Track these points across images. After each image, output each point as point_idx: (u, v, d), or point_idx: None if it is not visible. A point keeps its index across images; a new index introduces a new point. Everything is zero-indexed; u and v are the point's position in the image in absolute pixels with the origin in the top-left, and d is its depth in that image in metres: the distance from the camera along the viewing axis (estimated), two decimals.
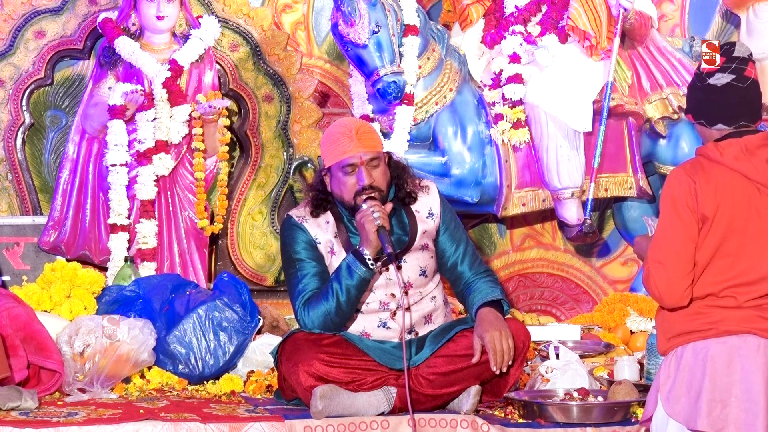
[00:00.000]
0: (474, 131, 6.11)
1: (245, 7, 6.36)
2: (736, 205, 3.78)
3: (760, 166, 3.81)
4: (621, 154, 6.25)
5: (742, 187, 3.80)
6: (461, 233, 4.69)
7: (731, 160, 3.80)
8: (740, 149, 3.80)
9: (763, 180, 3.80)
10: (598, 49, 6.11)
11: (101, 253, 5.99)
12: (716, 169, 3.81)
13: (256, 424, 4.27)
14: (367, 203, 4.41)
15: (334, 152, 4.46)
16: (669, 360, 3.83)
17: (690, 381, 3.75)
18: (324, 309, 4.47)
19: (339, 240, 4.54)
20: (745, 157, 3.80)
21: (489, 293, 4.54)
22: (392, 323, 4.54)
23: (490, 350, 4.35)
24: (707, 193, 3.77)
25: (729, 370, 3.74)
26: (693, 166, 3.85)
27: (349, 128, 4.47)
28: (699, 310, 3.79)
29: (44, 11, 6.20)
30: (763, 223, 3.79)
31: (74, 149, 6.07)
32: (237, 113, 6.41)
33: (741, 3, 6.91)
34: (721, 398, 3.71)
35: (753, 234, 3.79)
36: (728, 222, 3.78)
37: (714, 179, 3.79)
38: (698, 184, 3.77)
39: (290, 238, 4.57)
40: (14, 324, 4.75)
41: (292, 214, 4.61)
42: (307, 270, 4.54)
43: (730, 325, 3.77)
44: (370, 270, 4.41)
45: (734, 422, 3.70)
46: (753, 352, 3.75)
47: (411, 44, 5.96)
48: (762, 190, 3.81)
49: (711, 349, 3.75)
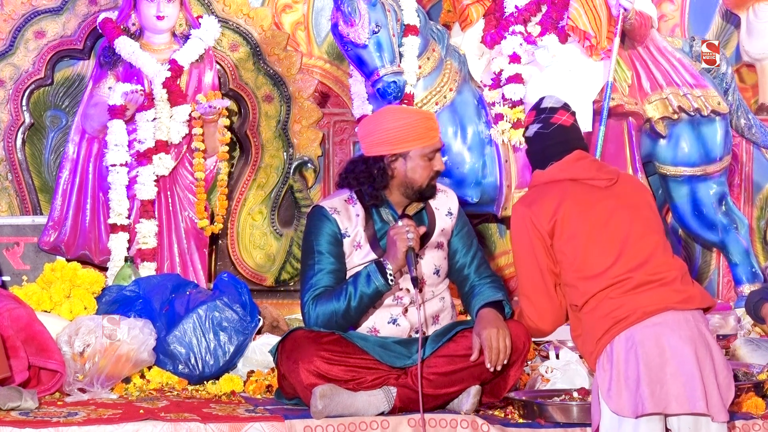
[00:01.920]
0: (474, 131, 6.11)
1: (245, 7, 6.36)
2: (580, 204, 4.12)
3: (585, 166, 4.23)
4: (621, 154, 6.25)
5: (577, 189, 4.17)
6: (473, 238, 4.73)
7: (558, 173, 4.22)
8: (563, 163, 4.25)
9: (592, 175, 4.20)
10: (598, 49, 6.11)
11: (101, 253, 5.99)
12: (548, 187, 4.21)
13: (256, 424, 4.26)
14: (403, 221, 4.43)
15: (421, 137, 4.48)
16: (601, 360, 3.96)
17: (626, 372, 3.88)
18: (333, 308, 4.46)
19: (366, 234, 4.54)
20: (569, 166, 4.22)
21: (491, 295, 4.55)
22: (403, 320, 4.55)
23: (486, 347, 4.36)
24: (541, 213, 4.14)
25: (659, 350, 3.91)
26: (526, 197, 4.33)
27: (429, 116, 4.61)
28: (611, 303, 3.96)
29: (44, 11, 6.20)
30: (619, 214, 4.11)
31: (74, 149, 6.08)
32: (237, 113, 6.41)
33: (741, 3, 6.92)
34: (658, 378, 3.88)
35: (616, 225, 4.09)
36: (578, 222, 4.10)
37: (548, 196, 4.16)
38: (531, 209, 4.17)
39: (317, 228, 4.55)
40: (15, 325, 4.75)
41: (324, 204, 4.59)
42: (324, 265, 4.53)
43: (648, 306, 3.97)
44: (389, 285, 4.42)
45: (675, 398, 3.87)
46: (676, 326, 3.95)
47: (411, 44, 5.96)
48: (596, 184, 4.19)
49: (637, 335, 3.91)
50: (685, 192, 6.44)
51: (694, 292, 4.03)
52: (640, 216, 4.14)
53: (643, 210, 4.18)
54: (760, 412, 4.50)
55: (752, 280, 6.48)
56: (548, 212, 4.13)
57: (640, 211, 4.16)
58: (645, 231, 4.10)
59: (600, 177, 4.20)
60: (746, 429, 4.41)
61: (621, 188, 4.21)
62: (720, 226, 6.46)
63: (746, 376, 4.78)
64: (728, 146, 6.46)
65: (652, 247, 4.07)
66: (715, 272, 6.93)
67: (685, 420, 3.90)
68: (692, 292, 4.03)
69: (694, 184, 6.41)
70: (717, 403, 3.87)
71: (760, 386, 4.67)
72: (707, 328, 4.00)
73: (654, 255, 4.05)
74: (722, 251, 6.62)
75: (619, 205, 4.13)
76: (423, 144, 4.49)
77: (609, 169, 4.29)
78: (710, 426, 3.91)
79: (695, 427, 3.90)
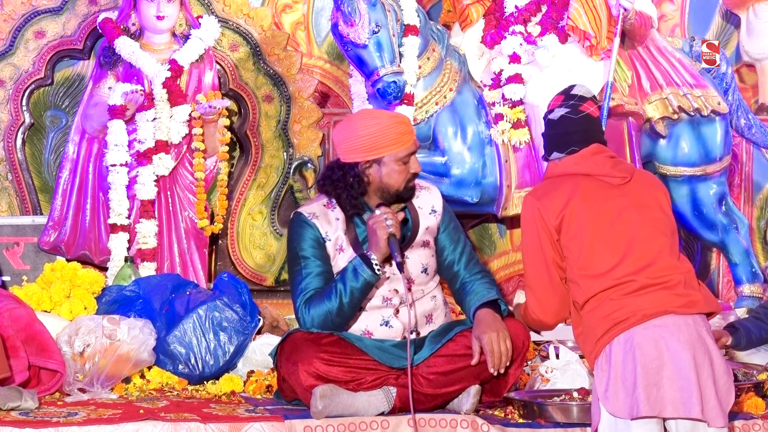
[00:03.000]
0: (474, 131, 6.11)
1: (245, 7, 6.36)
2: (589, 201, 4.10)
3: (600, 162, 4.18)
4: (621, 154, 6.23)
5: (589, 185, 4.14)
6: (460, 233, 4.71)
7: (572, 166, 4.19)
8: (578, 156, 4.20)
9: (606, 172, 4.16)
10: (598, 49, 6.11)
11: (101, 253, 5.99)
12: (560, 180, 4.18)
13: (256, 424, 4.27)
14: (381, 209, 4.43)
15: (394, 143, 4.47)
16: (600, 360, 3.96)
17: (623, 373, 3.88)
18: (326, 308, 4.47)
19: (348, 238, 4.55)
20: (584, 161, 4.18)
21: (485, 294, 4.55)
22: (395, 321, 4.55)
23: (487, 352, 4.36)
24: (550, 208, 4.12)
25: (657, 353, 3.89)
26: (538, 188, 4.29)
27: (403, 120, 4.57)
28: (612, 304, 3.95)
29: (44, 11, 6.20)
30: (628, 213, 4.09)
31: (74, 149, 6.07)
32: (237, 113, 6.41)
33: (741, 3, 6.92)
34: (655, 381, 3.87)
35: (623, 225, 4.07)
36: (585, 220, 4.08)
37: (559, 190, 4.14)
38: (541, 202, 4.14)
39: (298, 235, 4.57)
40: (15, 325, 4.75)
41: (302, 211, 4.61)
42: (311, 269, 4.54)
43: (648, 309, 3.95)
44: (376, 275, 4.42)
45: (671, 402, 3.86)
46: (675, 330, 3.92)
47: (411, 44, 5.96)
48: (609, 181, 4.15)
49: (636, 337, 3.91)
50: (685, 192, 6.43)
51: (697, 297, 4.00)
52: (649, 217, 4.11)
53: (652, 210, 4.14)
54: (760, 412, 4.51)
55: (752, 280, 6.47)
56: (557, 207, 4.11)
57: (649, 212, 4.13)
58: (652, 232, 4.08)
59: (614, 174, 4.16)
60: (746, 429, 4.41)
61: (634, 187, 4.17)
62: (720, 226, 6.46)
63: (746, 376, 4.78)
64: (728, 146, 6.46)
65: (657, 249, 4.04)
66: (715, 272, 6.93)
67: (683, 424, 3.89)
68: (695, 297, 4.00)
69: (694, 184, 6.41)
70: (714, 408, 3.85)
71: (760, 386, 4.68)
72: (708, 333, 3.97)
73: (659, 257, 4.03)
74: (722, 251, 6.62)
75: (628, 204, 4.10)
76: (396, 149, 4.47)
77: (624, 167, 4.25)
78: (708, 431, 3.90)
79: (693, 430, 3.89)
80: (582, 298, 4.06)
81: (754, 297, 6.41)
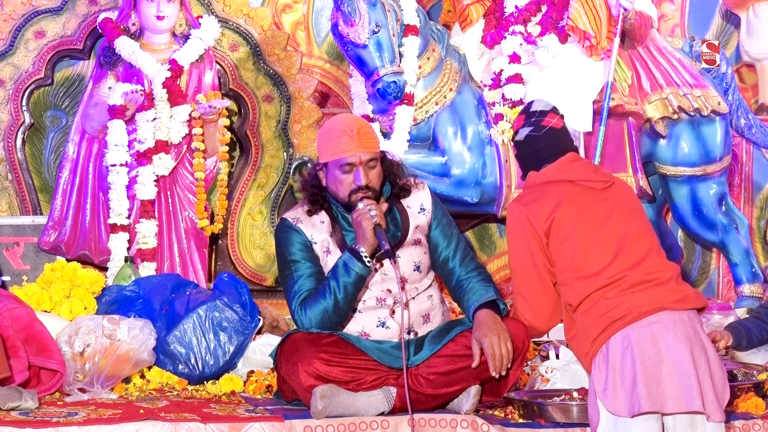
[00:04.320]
0: (474, 131, 6.11)
1: (245, 7, 6.36)
2: (577, 205, 4.14)
3: (581, 168, 4.27)
4: (621, 154, 6.25)
5: (575, 191, 4.19)
6: (453, 229, 4.70)
7: (555, 173, 4.24)
8: (559, 164, 4.26)
9: (589, 177, 4.23)
10: (598, 49, 6.11)
11: (101, 253, 5.99)
12: (545, 187, 4.22)
13: (256, 424, 4.26)
14: (363, 202, 4.43)
15: (333, 149, 4.46)
16: (597, 360, 3.98)
17: (622, 371, 3.90)
18: (322, 307, 4.47)
19: (334, 239, 4.55)
20: (565, 167, 4.25)
21: (484, 294, 4.53)
22: (391, 322, 4.54)
23: (488, 355, 4.35)
24: (539, 213, 4.16)
25: (655, 349, 3.92)
26: (523, 195, 4.33)
27: (350, 127, 4.47)
28: (607, 303, 3.98)
29: (44, 11, 6.20)
30: (616, 215, 4.15)
31: (74, 149, 6.07)
32: (237, 113, 6.41)
33: (741, 3, 6.92)
34: (654, 377, 3.90)
35: (613, 225, 4.11)
36: (575, 223, 4.12)
37: (547, 196, 4.18)
38: (529, 208, 4.18)
39: (285, 240, 4.59)
40: (16, 325, 4.75)
41: (287, 216, 4.63)
42: (303, 271, 4.55)
43: (644, 305, 3.98)
44: (367, 267, 4.42)
45: (672, 397, 3.88)
46: (671, 326, 3.96)
47: (411, 44, 5.97)
48: (593, 186, 4.21)
49: (633, 334, 3.93)
50: (685, 192, 6.44)
51: (689, 293, 4.07)
52: (635, 217, 4.18)
53: (638, 212, 4.23)
54: (760, 412, 4.50)
55: (752, 280, 6.48)
56: (545, 212, 4.14)
57: (635, 213, 4.20)
58: (641, 232, 4.13)
59: (596, 179, 4.22)
60: (746, 429, 4.41)
61: (616, 190, 4.25)
62: (720, 226, 6.46)
63: (746, 376, 4.78)
64: (728, 146, 6.46)
65: (647, 247, 4.10)
66: (715, 272, 6.93)
67: (680, 419, 3.91)
68: (687, 293, 4.05)
69: (694, 184, 6.41)
70: (713, 402, 3.88)
71: (760, 386, 4.67)
72: (702, 328, 4.02)
73: (649, 255, 4.08)
74: (722, 251, 6.63)
75: (615, 206, 4.16)
76: (335, 156, 4.46)
77: (605, 171, 4.35)
78: (706, 426, 3.92)
79: (691, 426, 3.91)
80: (576, 299, 4.07)
81: (754, 297, 6.42)
